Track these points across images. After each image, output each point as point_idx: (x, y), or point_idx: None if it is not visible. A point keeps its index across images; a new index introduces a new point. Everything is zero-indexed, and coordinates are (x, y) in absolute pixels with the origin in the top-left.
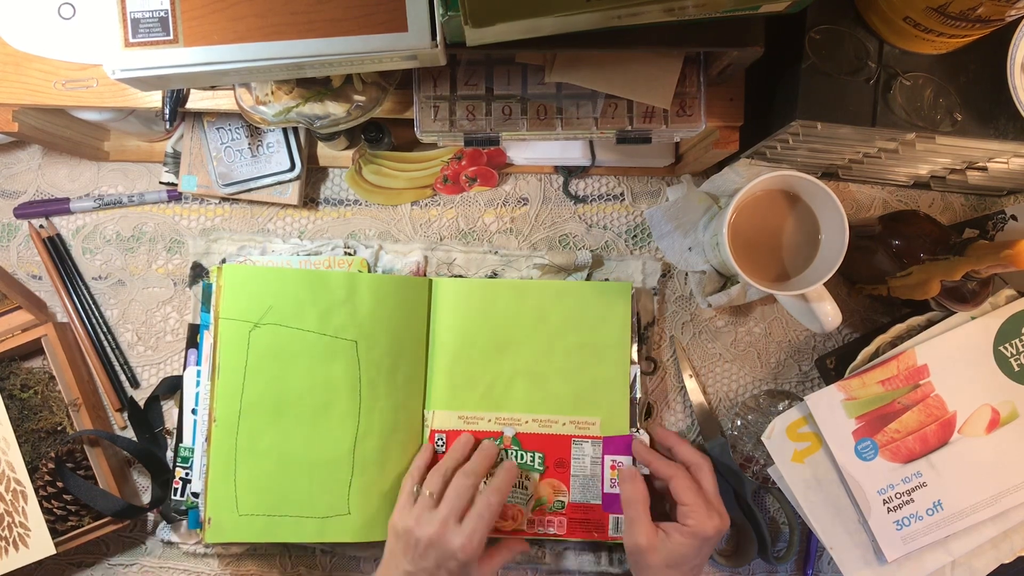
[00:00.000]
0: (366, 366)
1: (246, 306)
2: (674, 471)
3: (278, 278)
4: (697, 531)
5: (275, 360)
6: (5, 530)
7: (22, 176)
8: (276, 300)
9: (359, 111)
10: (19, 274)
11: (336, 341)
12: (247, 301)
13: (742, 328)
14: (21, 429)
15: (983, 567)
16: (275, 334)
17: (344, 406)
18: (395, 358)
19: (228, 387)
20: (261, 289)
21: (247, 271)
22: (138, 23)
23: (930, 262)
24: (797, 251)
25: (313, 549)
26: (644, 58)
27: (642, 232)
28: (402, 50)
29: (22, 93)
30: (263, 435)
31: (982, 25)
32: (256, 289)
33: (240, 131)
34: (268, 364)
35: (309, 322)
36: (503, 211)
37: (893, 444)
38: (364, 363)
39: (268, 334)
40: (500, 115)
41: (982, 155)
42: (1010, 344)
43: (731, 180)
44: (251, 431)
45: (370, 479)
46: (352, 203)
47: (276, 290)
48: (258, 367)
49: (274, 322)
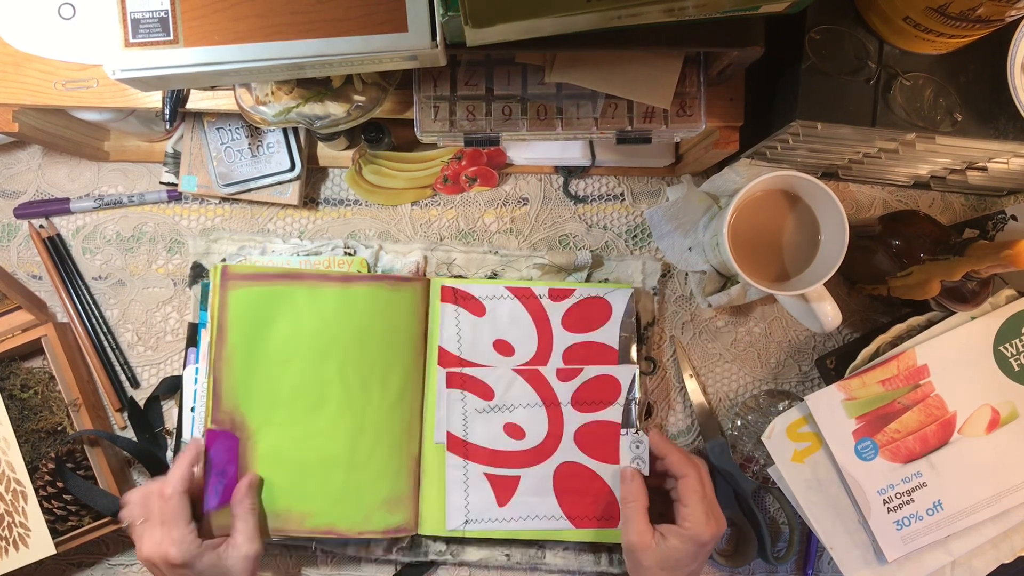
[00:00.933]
0: (359, 367)
1: (249, 330)
2: (688, 469)
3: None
4: (694, 535)
5: (269, 361)
6: (5, 530)
7: (22, 176)
8: (277, 316)
9: (359, 111)
10: (19, 274)
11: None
12: (251, 322)
13: (742, 328)
14: (21, 429)
15: (983, 567)
16: (274, 340)
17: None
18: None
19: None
20: (264, 312)
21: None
22: (138, 23)
23: (930, 262)
24: (797, 251)
25: (314, 549)
26: (644, 58)
27: (642, 232)
28: (402, 50)
29: (22, 93)
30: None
31: (982, 25)
32: (260, 313)
33: (240, 131)
34: (262, 366)
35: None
36: (503, 211)
37: (893, 444)
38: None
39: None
40: (500, 115)
41: (982, 155)
42: (1010, 344)
43: (731, 180)
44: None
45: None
46: (352, 203)
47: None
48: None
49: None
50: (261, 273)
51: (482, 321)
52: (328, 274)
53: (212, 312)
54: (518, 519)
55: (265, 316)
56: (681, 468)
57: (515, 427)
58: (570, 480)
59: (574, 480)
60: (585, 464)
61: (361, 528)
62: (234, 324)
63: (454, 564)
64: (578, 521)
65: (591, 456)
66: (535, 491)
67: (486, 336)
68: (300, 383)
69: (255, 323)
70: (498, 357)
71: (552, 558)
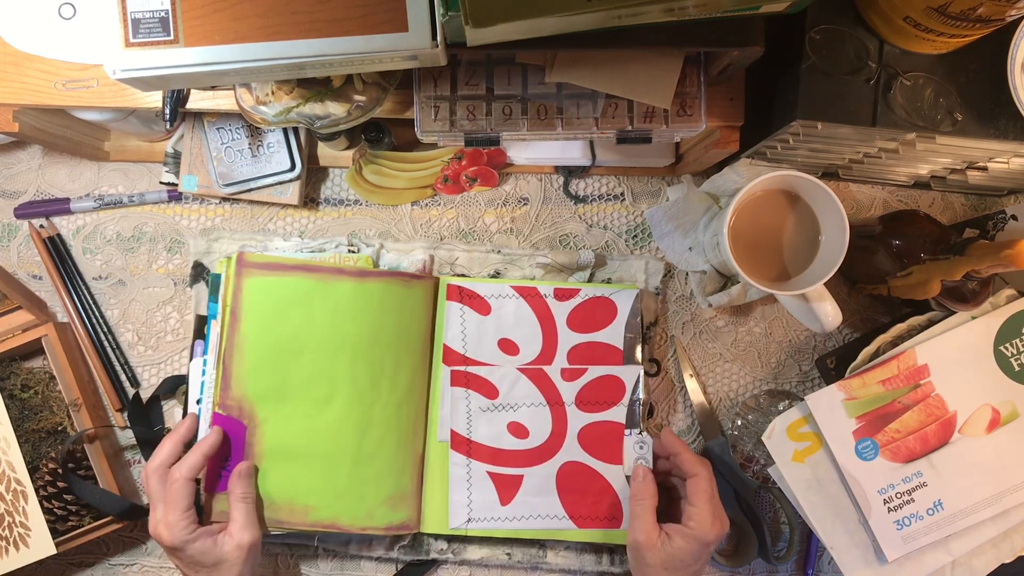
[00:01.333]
0: (369, 363)
1: (267, 321)
2: (699, 469)
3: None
4: (699, 535)
5: (281, 352)
6: (5, 530)
7: (22, 176)
8: (292, 308)
9: (359, 111)
10: (19, 274)
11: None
12: (265, 311)
13: (742, 328)
14: (21, 429)
15: (983, 567)
16: (286, 331)
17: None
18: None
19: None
20: (279, 302)
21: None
22: (138, 23)
23: (930, 262)
24: (797, 251)
25: (314, 548)
26: (644, 58)
27: (642, 232)
28: (403, 50)
29: (22, 93)
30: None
31: (982, 25)
32: (275, 303)
33: (240, 131)
34: (274, 356)
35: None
36: (503, 211)
37: (893, 444)
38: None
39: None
40: (500, 115)
41: (982, 155)
42: (1010, 344)
43: (731, 180)
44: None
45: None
46: (352, 203)
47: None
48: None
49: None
50: (277, 263)
51: (487, 320)
52: (343, 268)
53: (224, 299)
54: (521, 518)
55: (279, 306)
56: (693, 467)
57: (519, 426)
58: (573, 480)
59: (577, 480)
60: (588, 464)
61: (364, 524)
62: (248, 312)
63: (455, 563)
64: (580, 521)
65: (594, 456)
66: (538, 491)
67: (491, 335)
68: (311, 376)
69: (269, 313)
70: (503, 356)
71: (553, 557)
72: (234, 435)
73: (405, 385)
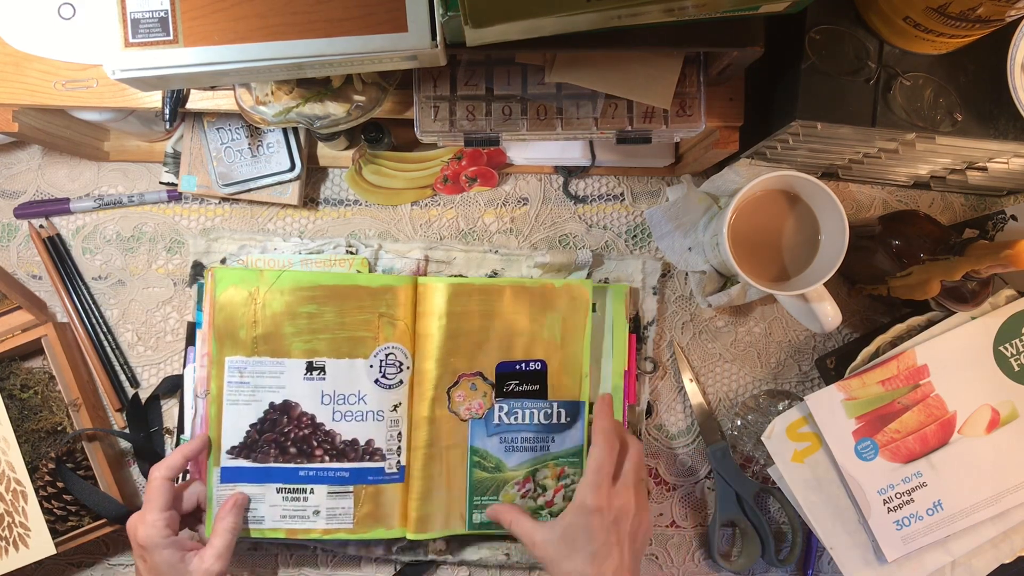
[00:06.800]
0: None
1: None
2: (598, 439)
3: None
4: (576, 502)
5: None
6: (5, 530)
7: (22, 176)
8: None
9: (359, 111)
10: (19, 274)
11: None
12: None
13: (742, 328)
14: (21, 429)
15: (983, 567)
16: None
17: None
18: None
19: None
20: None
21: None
22: (138, 23)
23: (930, 262)
24: (797, 251)
25: (314, 549)
26: (644, 58)
27: (642, 232)
28: (402, 50)
29: (22, 93)
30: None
31: (982, 25)
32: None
33: (240, 131)
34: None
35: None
36: (503, 211)
37: (893, 444)
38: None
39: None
40: (500, 115)
41: (982, 155)
42: (1010, 344)
43: (731, 180)
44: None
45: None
46: (352, 203)
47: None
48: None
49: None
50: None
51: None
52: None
53: (206, 315)
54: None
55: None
56: (594, 436)
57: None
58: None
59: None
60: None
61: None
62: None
63: (454, 563)
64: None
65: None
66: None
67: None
68: None
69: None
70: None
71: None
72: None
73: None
